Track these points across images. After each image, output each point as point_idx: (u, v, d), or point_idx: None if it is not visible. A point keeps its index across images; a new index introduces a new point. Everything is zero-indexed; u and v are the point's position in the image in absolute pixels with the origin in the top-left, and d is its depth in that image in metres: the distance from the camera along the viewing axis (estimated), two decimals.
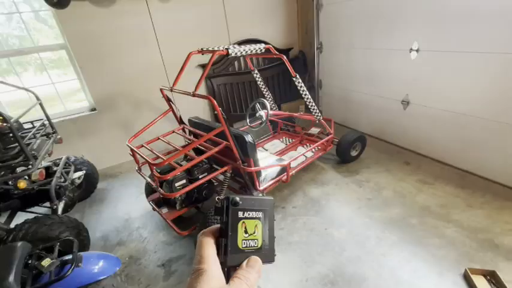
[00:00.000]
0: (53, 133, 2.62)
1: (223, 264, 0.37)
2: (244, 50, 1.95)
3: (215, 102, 1.69)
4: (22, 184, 1.87)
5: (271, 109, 3.14)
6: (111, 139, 3.64)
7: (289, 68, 2.32)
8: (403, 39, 2.89)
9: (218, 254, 0.38)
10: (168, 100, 2.32)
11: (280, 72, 4.52)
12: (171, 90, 2.08)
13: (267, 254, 0.40)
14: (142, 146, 2.15)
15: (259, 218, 0.40)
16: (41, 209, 2.53)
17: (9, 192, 2.16)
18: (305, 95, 2.53)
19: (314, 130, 3.30)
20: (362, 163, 3.13)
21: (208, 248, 0.37)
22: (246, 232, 0.39)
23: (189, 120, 2.49)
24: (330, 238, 2.15)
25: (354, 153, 3.11)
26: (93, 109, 3.51)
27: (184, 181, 1.93)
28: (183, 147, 1.86)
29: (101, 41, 3.24)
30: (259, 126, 2.75)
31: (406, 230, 2.13)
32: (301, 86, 2.44)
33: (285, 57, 2.24)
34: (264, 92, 3.07)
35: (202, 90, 4.10)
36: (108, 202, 3.02)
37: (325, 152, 2.97)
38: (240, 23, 4.10)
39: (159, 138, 2.25)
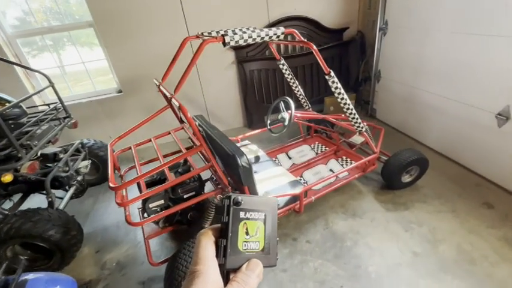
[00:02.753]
0: (66, 117, 2.54)
1: (221, 266, 0.35)
2: (250, 37, 1.38)
3: (192, 122, 1.22)
4: (7, 178, 1.78)
5: (305, 108, 2.52)
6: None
7: (320, 61, 1.66)
8: None
9: (217, 255, 0.35)
10: (166, 96, 1.94)
11: (328, 57, 3.70)
12: (159, 87, 1.67)
13: (268, 257, 0.38)
14: (130, 148, 1.85)
15: (261, 220, 0.38)
16: (58, 193, 2.55)
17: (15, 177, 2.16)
18: (342, 99, 1.84)
19: (356, 139, 2.56)
20: (416, 193, 2.32)
21: (207, 248, 0.35)
22: (247, 233, 0.37)
23: (194, 120, 2.08)
24: None
25: (406, 178, 2.31)
26: (120, 91, 3.41)
27: (162, 201, 1.57)
28: (178, 152, 1.50)
29: (126, 20, 2.99)
30: (280, 131, 2.19)
31: None
32: (336, 87, 1.76)
33: (314, 47, 1.58)
34: (292, 87, 2.43)
35: (231, 75, 3.63)
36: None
37: (363, 174, 2.26)
38: None
39: (150, 140, 1.92)
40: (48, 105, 2.55)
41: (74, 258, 2.09)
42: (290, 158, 2.59)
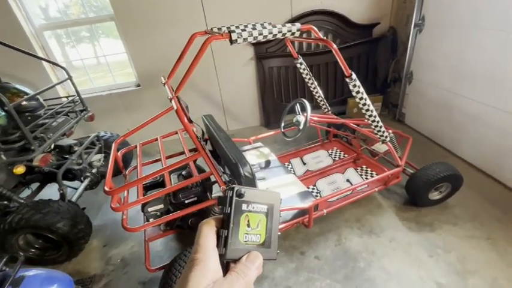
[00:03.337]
0: (83, 110, 2.58)
1: (222, 256, 0.35)
2: (261, 34, 1.24)
3: (189, 128, 1.11)
4: (19, 169, 1.82)
5: (324, 111, 2.33)
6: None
7: (341, 62, 1.47)
8: None
9: (218, 245, 0.35)
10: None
11: (354, 55, 3.44)
12: (164, 84, 1.59)
13: (269, 250, 0.38)
14: (136, 147, 1.80)
15: (263, 213, 0.38)
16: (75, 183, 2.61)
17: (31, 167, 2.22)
18: (364, 104, 1.63)
19: (380, 147, 2.34)
20: (446, 212, 2.06)
21: (208, 237, 0.35)
22: (248, 226, 0.37)
23: (203, 119, 1.99)
24: None
25: (435, 196, 2.06)
26: (138, 85, 3.43)
27: (161, 206, 1.50)
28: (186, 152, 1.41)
29: (145, 14, 2.97)
30: (294, 136, 2.04)
31: None
32: (358, 91, 1.57)
33: (334, 46, 1.40)
34: (311, 88, 2.24)
35: (250, 72, 3.50)
36: None
37: (385, 187, 2.04)
38: None
39: (157, 139, 1.86)
40: (67, 97, 2.59)
41: (82, 251, 2.12)
42: (304, 164, 2.42)
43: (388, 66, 3.48)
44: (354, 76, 1.51)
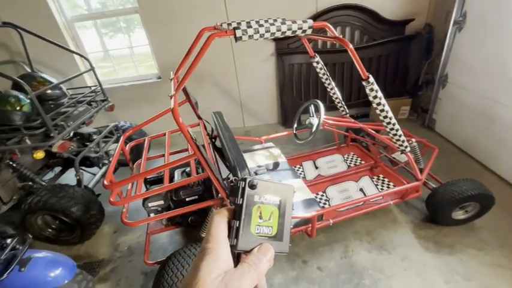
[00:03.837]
0: (104, 100, 2.67)
1: (233, 247, 0.35)
2: (268, 31, 1.15)
3: (184, 129, 1.08)
4: (39, 155, 1.93)
5: (341, 113, 2.20)
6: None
7: (357, 63, 1.33)
8: None
9: (229, 236, 0.35)
10: (184, 89, 1.85)
11: (383, 54, 3.19)
12: (171, 81, 1.56)
13: (281, 243, 0.38)
14: (144, 140, 1.82)
15: (276, 205, 0.38)
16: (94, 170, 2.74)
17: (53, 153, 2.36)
18: (382, 110, 1.49)
19: (401, 156, 2.15)
20: (471, 235, 1.85)
21: (219, 227, 0.35)
22: (260, 218, 0.36)
23: (212, 116, 1.96)
24: None
25: (459, 215, 1.85)
26: (159, 77, 3.49)
27: (162, 202, 1.51)
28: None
29: (168, 6, 2.98)
30: (305, 139, 1.94)
31: None
32: (375, 96, 1.42)
33: (350, 45, 1.27)
34: (328, 88, 2.11)
35: (269, 68, 3.40)
36: None
37: (401, 201, 1.87)
38: None
39: (165, 134, 1.87)
40: (89, 87, 2.70)
41: (93, 235, 2.23)
42: (317, 168, 2.31)
43: (420, 67, 3.19)
44: (371, 79, 1.37)
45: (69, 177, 2.56)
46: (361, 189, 2.01)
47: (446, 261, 1.70)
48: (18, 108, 1.91)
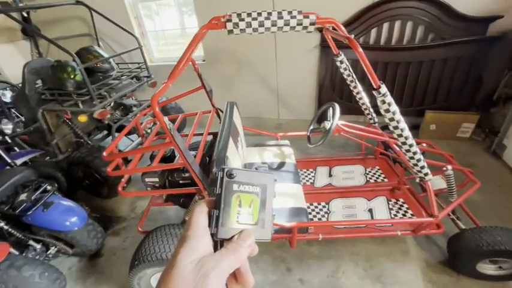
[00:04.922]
0: (147, 77, 2.94)
1: (213, 236, 0.36)
2: (262, 26, 1.06)
3: (160, 117, 1.11)
4: (82, 118, 2.27)
5: (370, 121, 1.97)
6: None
7: (366, 68, 1.13)
8: None
9: (209, 225, 0.36)
10: (200, 75, 1.90)
11: (451, 57, 2.65)
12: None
13: (262, 231, 0.38)
14: (178, 116, 1.97)
15: (256, 193, 0.38)
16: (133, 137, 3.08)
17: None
18: (396, 128, 1.26)
19: (433, 181, 1.81)
20: None
21: (199, 216, 0.37)
22: (240, 206, 0.37)
23: (227, 106, 1.98)
24: None
25: (488, 269, 1.50)
26: (203, 60, 3.64)
27: (156, 179, 1.62)
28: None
29: None
30: (315, 143, 1.79)
31: None
32: (387, 110, 1.20)
33: (359, 48, 1.08)
34: (354, 92, 1.87)
35: (312, 61, 3.19)
36: None
37: (412, 235, 1.61)
38: None
39: (197, 113, 1.98)
40: (137, 63, 2.99)
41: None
42: (330, 176, 2.14)
43: (499, 79, 2.56)
44: (383, 89, 1.16)
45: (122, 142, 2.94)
46: (370, 210, 1.80)
47: None
48: (72, 76, 2.26)
